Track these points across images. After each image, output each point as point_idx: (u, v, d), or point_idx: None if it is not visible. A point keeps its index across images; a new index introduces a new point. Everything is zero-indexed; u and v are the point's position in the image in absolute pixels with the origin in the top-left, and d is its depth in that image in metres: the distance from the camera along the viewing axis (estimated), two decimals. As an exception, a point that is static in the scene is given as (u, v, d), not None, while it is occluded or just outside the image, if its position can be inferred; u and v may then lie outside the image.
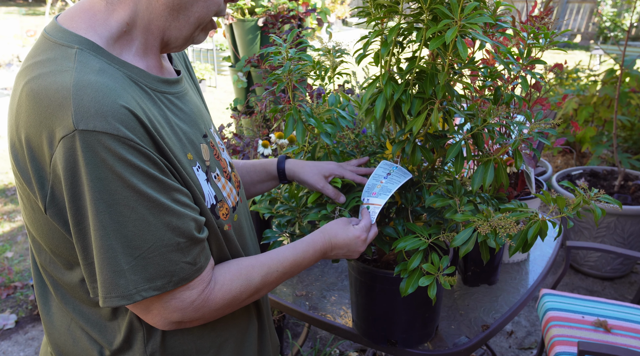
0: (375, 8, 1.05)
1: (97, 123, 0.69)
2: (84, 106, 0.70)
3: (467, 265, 1.56)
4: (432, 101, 1.03)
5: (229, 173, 0.98)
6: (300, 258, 0.97)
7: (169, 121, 0.83)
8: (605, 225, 2.88)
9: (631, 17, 3.20)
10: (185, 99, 0.91)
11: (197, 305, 0.81)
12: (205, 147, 0.91)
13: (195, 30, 0.85)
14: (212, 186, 0.89)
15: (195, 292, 0.81)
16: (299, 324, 2.59)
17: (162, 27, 0.83)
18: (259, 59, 3.46)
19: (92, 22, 0.80)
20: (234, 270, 0.88)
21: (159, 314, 0.80)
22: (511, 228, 0.92)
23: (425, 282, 1.01)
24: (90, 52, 0.76)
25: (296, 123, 1.12)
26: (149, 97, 0.81)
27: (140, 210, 0.73)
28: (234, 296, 0.87)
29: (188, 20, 0.82)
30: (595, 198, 0.92)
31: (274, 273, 0.92)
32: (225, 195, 0.93)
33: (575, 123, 1.82)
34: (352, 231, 1.04)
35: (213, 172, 0.91)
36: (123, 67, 0.79)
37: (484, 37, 0.93)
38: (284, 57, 1.07)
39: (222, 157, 0.97)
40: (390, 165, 1.12)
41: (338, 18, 4.24)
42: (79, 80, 0.71)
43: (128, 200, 0.72)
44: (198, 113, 0.93)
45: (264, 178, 1.21)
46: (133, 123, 0.72)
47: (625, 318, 1.80)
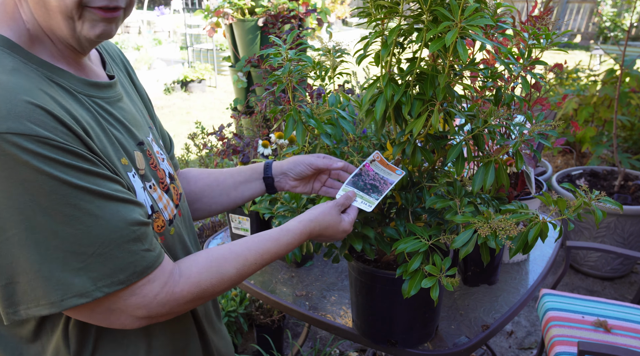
0: (375, 9, 1.04)
1: (11, 125, 0.63)
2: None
3: (467, 265, 1.56)
4: (433, 102, 1.03)
5: (167, 185, 0.93)
6: (282, 250, 0.92)
7: (101, 124, 0.78)
8: (605, 225, 2.88)
9: (631, 17, 3.21)
10: (118, 106, 0.86)
11: (162, 299, 0.77)
12: (140, 155, 0.86)
13: (71, 23, 0.74)
14: (148, 195, 0.84)
15: (157, 285, 0.76)
16: (299, 324, 2.59)
17: (47, 26, 0.75)
18: (259, 59, 3.46)
19: (4, 17, 0.74)
20: (202, 262, 0.83)
21: (124, 312, 0.75)
22: (511, 230, 0.92)
23: (428, 284, 1.00)
24: (3, 49, 0.71)
25: (296, 124, 1.12)
26: (75, 99, 0.76)
27: (82, 205, 0.68)
28: (204, 290, 0.81)
29: (52, 14, 0.73)
30: (595, 200, 0.92)
31: (252, 265, 0.87)
32: (161, 206, 0.88)
33: (575, 123, 1.82)
34: (343, 225, 1.01)
35: (148, 182, 0.86)
36: (42, 67, 0.73)
37: (484, 39, 0.93)
38: (283, 59, 1.07)
39: (161, 167, 0.92)
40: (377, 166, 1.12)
41: (338, 18, 4.24)
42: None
43: (66, 197, 0.67)
44: (133, 120, 0.88)
45: (248, 177, 1.13)
46: (52, 123, 0.67)
47: (625, 318, 1.80)
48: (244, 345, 2.42)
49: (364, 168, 1.10)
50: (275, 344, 2.21)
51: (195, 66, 8.15)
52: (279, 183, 1.12)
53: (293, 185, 1.12)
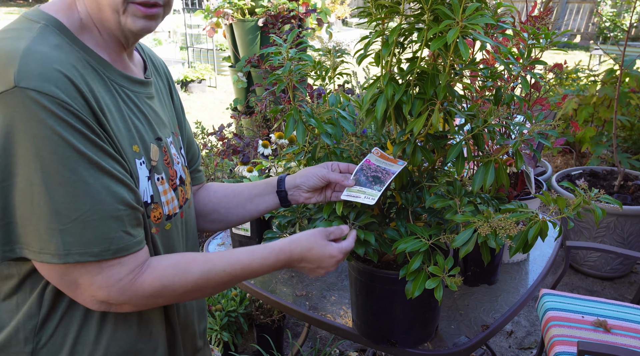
0: (376, 8, 1.05)
1: (37, 84, 0.71)
2: (28, 67, 0.72)
3: (467, 265, 1.56)
4: (433, 102, 1.04)
5: (176, 185, 0.97)
6: (257, 264, 0.91)
7: (121, 111, 0.84)
8: (605, 225, 2.88)
9: (631, 17, 3.21)
10: (145, 102, 0.92)
11: (124, 285, 0.79)
12: (156, 148, 0.91)
13: (117, 16, 0.83)
14: (152, 186, 0.88)
15: (125, 270, 0.79)
16: (299, 324, 2.59)
17: (98, 18, 0.84)
18: (259, 59, 3.46)
19: (63, 6, 0.84)
20: (172, 259, 0.86)
21: (87, 289, 0.78)
22: (511, 229, 0.92)
23: (432, 285, 1.00)
24: (54, 29, 0.80)
25: (296, 124, 1.12)
26: (103, 83, 0.83)
27: (79, 171, 0.74)
28: (165, 286, 0.83)
29: (105, 10, 0.83)
30: (595, 198, 0.92)
31: (220, 273, 0.88)
32: (164, 200, 0.91)
33: (575, 123, 1.82)
34: (330, 249, 0.98)
35: (158, 174, 0.90)
36: (84, 51, 0.81)
37: (485, 37, 0.93)
38: (284, 58, 1.07)
39: (174, 168, 0.97)
40: (377, 159, 1.12)
41: (338, 18, 4.25)
42: (30, 47, 0.74)
43: (67, 160, 0.73)
44: (156, 118, 0.94)
45: (263, 190, 1.15)
46: (73, 93, 0.74)
47: (625, 318, 1.80)
48: (244, 345, 2.42)
49: (364, 164, 1.11)
50: (275, 344, 2.21)
51: (195, 66, 8.15)
52: (293, 197, 1.13)
53: (307, 197, 1.13)
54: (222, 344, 2.21)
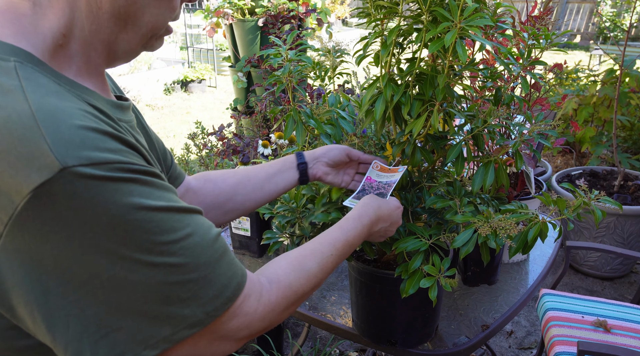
0: (375, 9, 1.05)
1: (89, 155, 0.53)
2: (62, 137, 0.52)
3: (467, 265, 1.56)
4: (432, 103, 1.04)
5: None
6: (351, 237, 0.90)
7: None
8: (605, 225, 2.88)
9: (631, 17, 3.21)
10: (136, 130, 0.79)
11: (261, 313, 0.70)
12: None
13: (149, 39, 0.72)
14: None
15: (254, 300, 0.69)
16: (299, 324, 2.59)
17: (108, 41, 0.68)
18: (259, 59, 3.46)
19: (19, 28, 0.61)
20: (284, 264, 0.78)
21: (226, 338, 0.68)
22: (511, 230, 0.92)
23: (427, 284, 1.01)
24: (32, 67, 0.58)
25: (296, 124, 1.12)
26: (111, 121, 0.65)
27: (178, 227, 0.61)
28: (296, 291, 0.77)
29: (139, 31, 0.69)
30: (595, 200, 0.93)
31: (329, 258, 0.84)
32: None
33: (575, 124, 1.82)
34: (392, 201, 1.00)
35: None
36: (73, 88, 0.62)
37: (483, 39, 0.93)
38: (283, 59, 1.07)
39: None
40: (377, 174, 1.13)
41: (338, 18, 4.25)
42: (40, 105, 0.54)
43: (160, 224, 0.59)
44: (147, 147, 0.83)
45: (280, 167, 1.09)
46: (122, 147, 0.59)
47: (625, 318, 1.80)
48: (244, 345, 2.42)
49: (366, 183, 1.11)
50: (275, 344, 2.21)
51: (195, 66, 8.16)
52: (312, 170, 1.10)
53: (326, 171, 1.10)
54: (222, 344, 2.21)
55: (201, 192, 1.06)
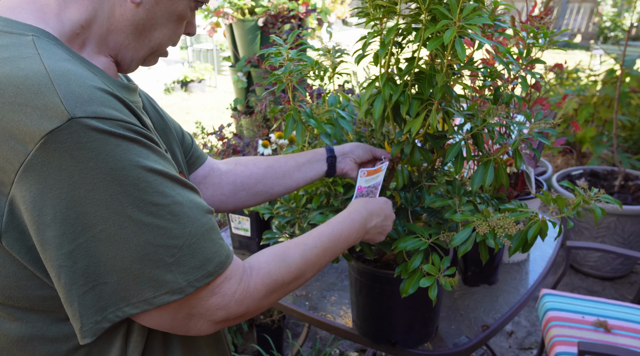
0: (374, 8, 1.04)
1: (96, 109, 0.60)
2: (73, 92, 0.59)
3: (467, 265, 1.56)
4: (431, 102, 1.03)
5: None
6: (338, 230, 0.90)
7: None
8: (605, 225, 2.88)
9: (631, 17, 3.20)
10: (143, 112, 0.83)
11: (239, 296, 0.72)
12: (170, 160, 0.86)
13: (150, 55, 0.80)
14: None
15: (234, 282, 0.71)
16: (299, 324, 2.59)
17: (120, 44, 0.75)
18: (259, 59, 3.46)
19: (40, 14, 0.69)
20: (267, 253, 0.80)
21: (203, 317, 0.70)
22: (510, 228, 0.92)
23: (426, 283, 1.00)
24: (49, 41, 0.66)
25: (296, 124, 1.12)
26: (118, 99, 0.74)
27: (168, 192, 0.65)
28: (275, 280, 0.77)
29: (148, 44, 0.77)
30: (595, 198, 0.92)
31: (313, 250, 0.84)
32: None
33: (575, 123, 1.81)
34: (380, 198, 1.02)
35: None
36: (84, 63, 0.70)
37: (482, 38, 0.93)
38: (284, 58, 1.07)
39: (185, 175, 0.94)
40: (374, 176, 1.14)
41: (338, 18, 4.25)
42: (54, 67, 0.61)
43: (154, 185, 0.63)
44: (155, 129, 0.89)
45: (310, 158, 1.13)
46: (128, 111, 0.66)
47: (626, 318, 1.80)
48: (244, 345, 2.42)
49: (357, 193, 1.11)
50: (275, 344, 2.21)
51: (195, 66, 8.16)
52: (341, 164, 1.13)
53: (352, 167, 1.14)
54: (222, 344, 2.21)
55: (231, 172, 1.09)
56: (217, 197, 1.08)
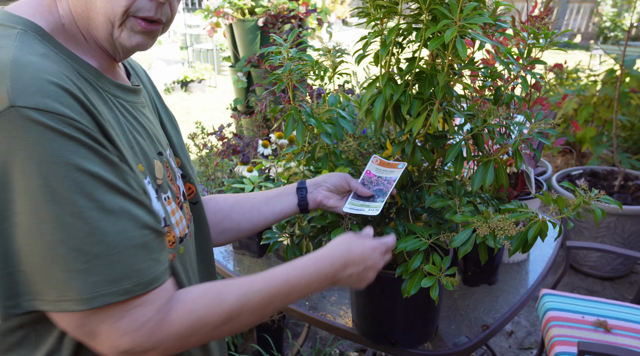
0: (374, 8, 1.04)
1: (37, 101, 0.60)
2: (23, 82, 0.61)
3: (467, 265, 1.56)
4: (432, 102, 1.03)
5: (182, 202, 0.87)
6: (296, 278, 0.79)
7: (122, 126, 0.74)
8: (605, 225, 2.88)
9: (631, 17, 3.21)
10: (142, 112, 0.83)
11: (151, 327, 0.65)
12: (159, 164, 0.81)
13: (110, 28, 0.73)
14: (162, 207, 0.78)
15: (153, 309, 0.66)
16: (299, 324, 2.59)
17: (87, 28, 0.74)
18: (259, 59, 3.46)
19: (38, 8, 0.73)
20: (202, 288, 0.73)
21: (107, 338, 0.65)
22: (510, 230, 0.92)
23: (428, 283, 1.00)
24: (35, 36, 0.69)
25: (296, 124, 1.11)
26: (99, 96, 0.73)
27: (96, 196, 0.63)
28: (199, 318, 0.69)
29: (97, 18, 0.73)
30: (595, 198, 0.92)
31: (257, 294, 0.75)
32: (174, 221, 0.81)
33: (575, 123, 1.81)
34: (369, 243, 0.91)
35: (164, 193, 0.80)
36: (71, 59, 0.71)
37: (483, 37, 0.93)
38: (284, 57, 1.07)
39: (177, 183, 0.88)
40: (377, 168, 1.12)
41: (338, 18, 4.24)
42: (18, 58, 0.63)
43: (81, 185, 0.62)
44: (155, 131, 0.86)
45: (281, 192, 1.09)
46: (78, 108, 0.64)
47: (626, 318, 1.80)
48: (244, 345, 2.42)
49: (365, 177, 1.10)
50: (275, 344, 2.21)
51: (195, 66, 8.15)
52: (312, 195, 1.07)
53: (326, 195, 1.07)
54: (222, 344, 2.21)
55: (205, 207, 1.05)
56: None
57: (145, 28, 0.75)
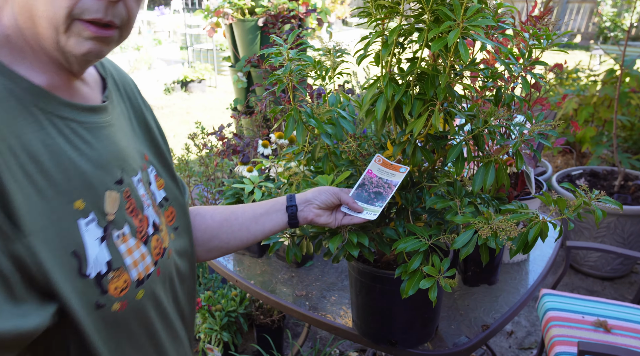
0: (376, 8, 1.04)
1: None
2: None
3: (467, 265, 1.56)
4: (433, 102, 1.03)
5: (148, 236, 0.77)
6: None
7: (56, 153, 0.64)
8: (605, 225, 2.88)
9: (631, 17, 3.20)
10: (101, 133, 0.73)
11: None
12: (115, 196, 0.71)
13: (55, 34, 0.65)
14: (110, 248, 0.68)
15: None
16: (299, 324, 2.59)
17: (32, 34, 0.66)
18: (259, 59, 3.46)
19: None
20: None
21: None
22: (512, 231, 0.92)
23: (426, 285, 1.00)
24: None
25: (296, 124, 1.11)
26: (31, 118, 0.63)
27: None
28: None
29: (41, 23, 0.65)
30: (596, 199, 0.92)
31: None
32: (129, 262, 0.71)
33: (575, 123, 1.82)
34: None
35: (117, 229, 0.70)
36: (3, 76, 0.63)
37: (486, 39, 0.93)
38: (284, 58, 1.07)
39: (144, 213, 0.78)
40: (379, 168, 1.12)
41: (338, 18, 4.24)
42: None
43: None
44: (117, 153, 0.74)
45: (269, 208, 1.04)
46: None
47: (625, 318, 1.80)
48: (244, 345, 2.42)
49: (367, 177, 1.10)
50: (275, 344, 2.21)
51: (195, 66, 8.15)
52: (303, 213, 1.04)
53: (317, 213, 1.05)
54: (222, 344, 2.21)
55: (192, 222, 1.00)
56: None
57: (94, 33, 0.66)
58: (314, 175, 1.29)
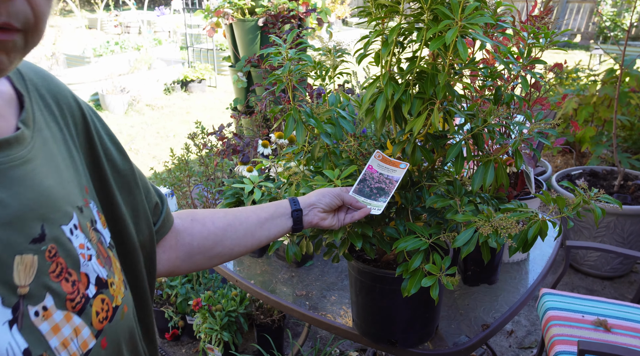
0: (376, 8, 1.05)
1: None
2: None
3: (467, 264, 1.56)
4: (433, 101, 1.04)
5: (86, 301, 0.59)
6: None
7: None
8: (604, 225, 2.88)
9: (631, 16, 3.21)
10: (10, 176, 0.55)
11: None
12: (29, 260, 0.53)
13: None
14: (25, 332, 0.52)
15: None
16: (299, 324, 2.59)
17: None
18: (259, 59, 3.46)
19: None
20: None
21: None
22: (512, 229, 0.92)
23: (428, 283, 1.01)
24: None
25: (296, 124, 1.12)
26: None
27: None
28: None
29: None
30: (595, 198, 0.92)
31: None
32: (56, 344, 0.54)
33: (575, 123, 1.82)
34: None
35: (34, 305, 0.53)
36: None
37: (484, 37, 0.93)
38: (284, 58, 1.07)
39: (84, 270, 0.60)
40: (379, 164, 1.12)
41: (338, 18, 4.25)
42: None
43: None
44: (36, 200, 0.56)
45: (273, 213, 1.01)
46: None
47: (625, 317, 1.80)
48: (244, 345, 2.42)
49: (367, 172, 1.10)
50: (275, 344, 2.21)
51: (195, 66, 8.16)
52: (308, 217, 1.02)
53: (322, 216, 1.04)
54: (223, 344, 2.22)
55: (187, 232, 0.93)
56: (172, 261, 0.90)
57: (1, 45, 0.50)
58: (313, 174, 1.30)
